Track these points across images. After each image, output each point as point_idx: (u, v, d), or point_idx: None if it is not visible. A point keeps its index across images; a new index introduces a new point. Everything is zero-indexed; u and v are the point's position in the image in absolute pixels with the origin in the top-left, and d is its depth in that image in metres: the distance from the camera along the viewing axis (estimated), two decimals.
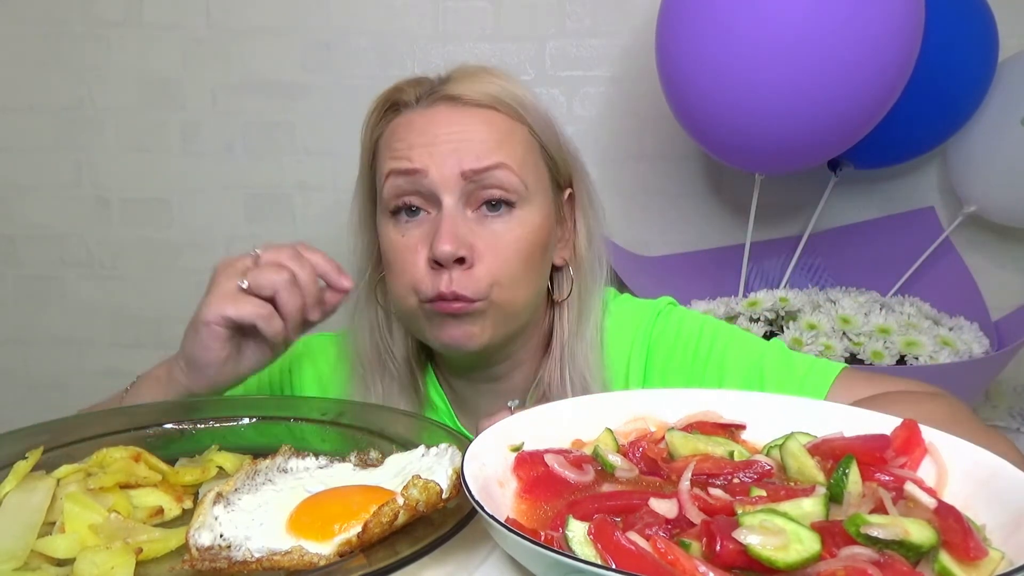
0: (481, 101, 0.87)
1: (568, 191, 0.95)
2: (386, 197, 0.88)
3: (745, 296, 1.67)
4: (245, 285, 0.77)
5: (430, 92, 0.89)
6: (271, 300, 0.78)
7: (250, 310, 0.76)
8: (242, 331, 0.79)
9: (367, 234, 0.95)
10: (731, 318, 1.61)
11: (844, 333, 1.52)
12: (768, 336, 1.55)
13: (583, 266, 0.95)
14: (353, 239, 0.96)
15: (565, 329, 0.94)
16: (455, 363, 0.96)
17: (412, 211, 0.86)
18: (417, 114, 0.88)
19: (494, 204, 0.85)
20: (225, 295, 0.77)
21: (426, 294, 0.84)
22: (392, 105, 0.91)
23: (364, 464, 0.61)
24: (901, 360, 1.49)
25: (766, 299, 1.60)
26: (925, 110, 1.64)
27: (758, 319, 1.58)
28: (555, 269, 0.96)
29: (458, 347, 0.87)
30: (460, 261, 0.83)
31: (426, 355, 1.00)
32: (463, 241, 0.83)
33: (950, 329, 1.55)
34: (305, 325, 0.82)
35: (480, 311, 0.85)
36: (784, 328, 1.55)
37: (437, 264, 0.83)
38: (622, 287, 1.59)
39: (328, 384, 1.01)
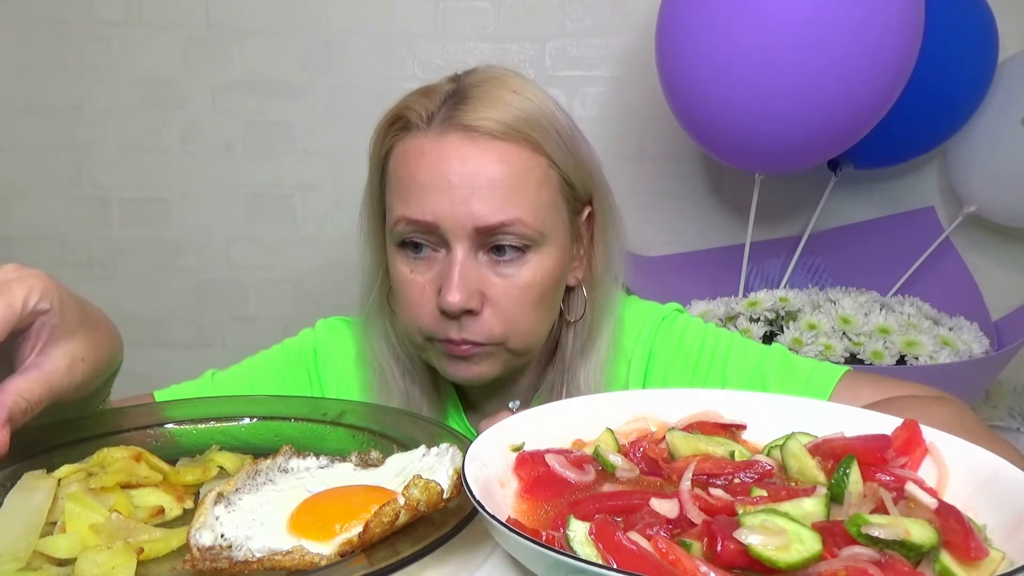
0: (496, 132, 0.81)
1: (588, 209, 0.92)
2: (396, 233, 0.85)
3: (745, 296, 1.67)
4: None
5: (442, 110, 0.83)
6: None
7: None
8: None
9: (375, 242, 0.93)
10: (731, 318, 1.61)
11: (844, 333, 1.52)
12: (768, 336, 1.55)
13: (597, 286, 0.93)
14: (363, 244, 0.95)
15: (570, 347, 0.93)
16: None
17: (419, 247, 0.84)
18: (429, 141, 0.83)
19: (504, 248, 0.83)
20: None
21: (435, 337, 0.84)
22: (402, 123, 0.86)
23: (365, 464, 0.61)
24: (901, 360, 1.49)
25: (766, 299, 1.61)
26: (925, 110, 1.65)
27: (758, 319, 1.58)
28: (568, 288, 0.94)
29: (467, 383, 0.89)
30: (469, 311, 0.82)
31: None
32: (472, 291, 0.81)
33: (950, 329, 1.55)
34: None
35: (490, 352, 0.85)
36: (784, 328, 1.55)
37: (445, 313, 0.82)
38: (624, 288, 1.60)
39: (353, 371, 1.00)
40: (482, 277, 0.83)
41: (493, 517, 0.44)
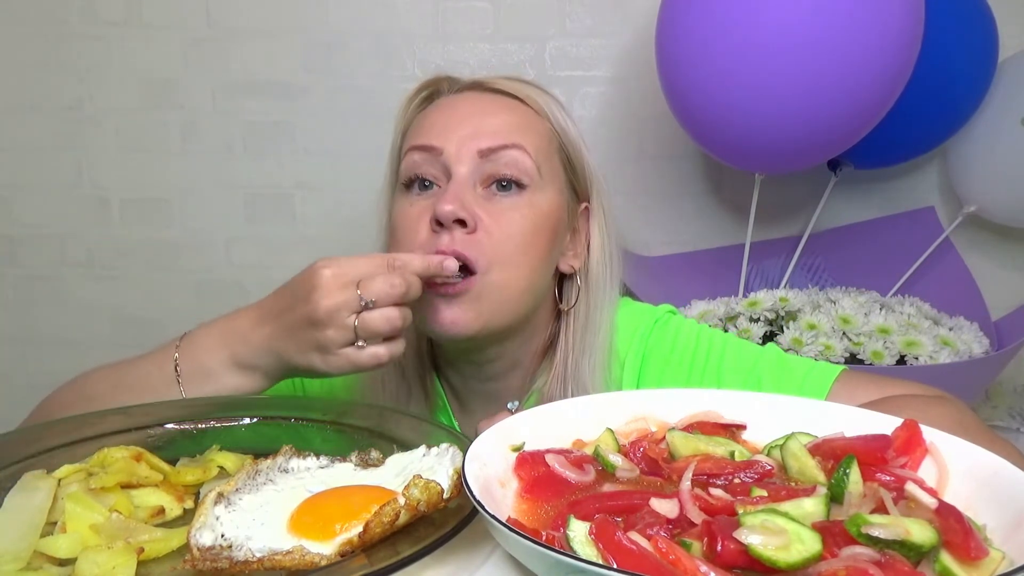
0: (507, 90, 0.92)
1: (584, 204, 0.96)
2: (402, 171, 0.89)
3: (745, 296, 1.67)
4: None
5: (462, 82, 0.95)
6: None
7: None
8: None
9: (385, 220, 0.96)
10: (731, 318, 1.61)
11: (844, 333, 1.52)
12: (768, 336, 1.55)
13: (592, 280, 0.94)
14: (379, 216, 0.97)
15: (570, 341, 0.93)
16: (453, 359, 0.96)
17: (425, 184, 0.87)
18: (445, 99, 0.93)
19: (505, 184, 0.86)
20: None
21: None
22: (428, 95, 0.95)
23: (365, 464, 0.61)
24: (901, 360, 1.49)
25: (766, 299, 1.60)
26: (925, 110, 1.64)
27: (758, 319, 1.58)
28: (564, 278, 0.96)
29: (449, 333, 0.84)
30: (463, 224, 0.82)
31: (431, 354, 1.00)
32: (467, 207, 0.83)
33: (950, 329, 1.55)
34: None
35: (475, 294, 0.83)
36: (784, 328, 1.55)
37: (439, 225, 0.83)
38: (623, 288, 1.60)
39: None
40: (479, 203, 0.85)
41: (493, 517, 0.44)
